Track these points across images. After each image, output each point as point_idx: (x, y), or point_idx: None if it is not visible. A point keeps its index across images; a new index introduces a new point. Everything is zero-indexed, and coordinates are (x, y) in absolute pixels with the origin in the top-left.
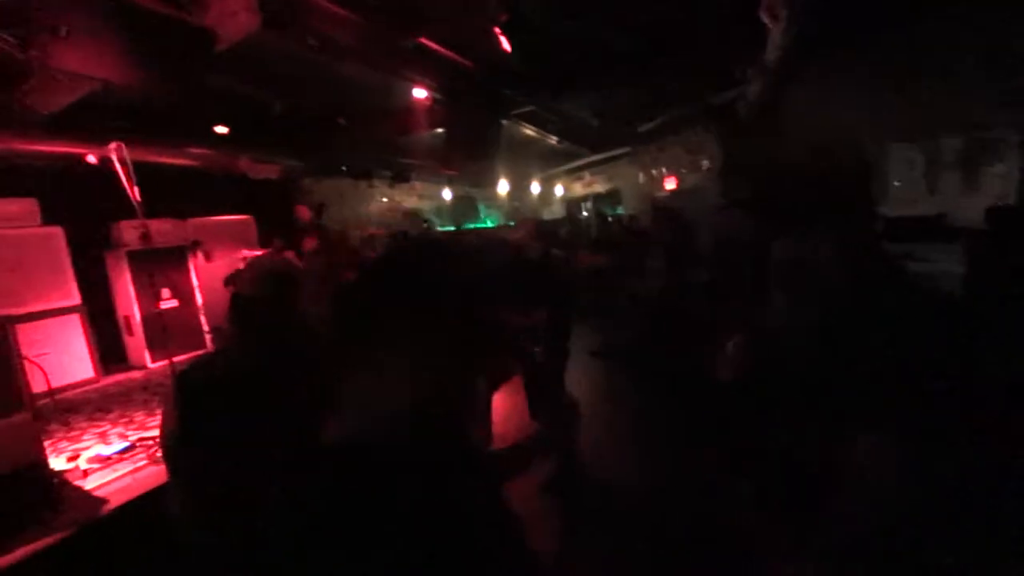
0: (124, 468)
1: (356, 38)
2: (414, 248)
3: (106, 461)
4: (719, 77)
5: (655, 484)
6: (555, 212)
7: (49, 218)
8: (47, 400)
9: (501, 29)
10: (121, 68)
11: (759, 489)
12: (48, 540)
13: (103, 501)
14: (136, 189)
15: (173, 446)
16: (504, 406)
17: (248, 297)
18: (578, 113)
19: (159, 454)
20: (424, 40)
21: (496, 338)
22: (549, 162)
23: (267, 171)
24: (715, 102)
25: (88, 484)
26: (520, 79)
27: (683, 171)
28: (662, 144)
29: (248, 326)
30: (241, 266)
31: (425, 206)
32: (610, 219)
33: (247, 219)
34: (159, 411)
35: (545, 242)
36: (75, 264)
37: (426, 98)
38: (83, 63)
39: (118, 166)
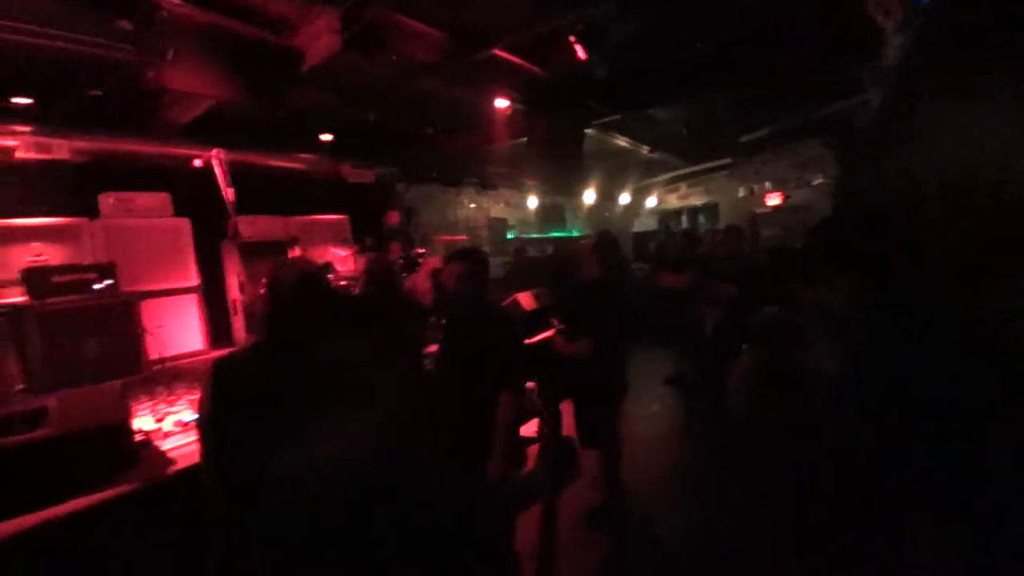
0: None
1: (432, 53)
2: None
3: (185, 426)
4: (833, 85)
5: (704, 520)
6: (647, 224)
7: (180, 211)
8: (160, 366)
9: (578, 38)
10: (222, 87)
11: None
12: (119, 491)
13: (172, 462)
14: (231, 190)
15: (202, 423)
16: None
17: (278, 297)
18: (669, 123)
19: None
20: (499, 52)
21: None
22: (642, 172)
23: (364, 176)
24: (829, 112)
25: (166, 445)
26: (602, 88)
27: (790, 187)
28: (767, 157)
29: (276, 323)
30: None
31: (511, 213)
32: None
33: (343, 219)
34: None
35: (603, 260)
36: (197, 251)
37: (507, 108)
38: (190, 83)
39: (216, 169)
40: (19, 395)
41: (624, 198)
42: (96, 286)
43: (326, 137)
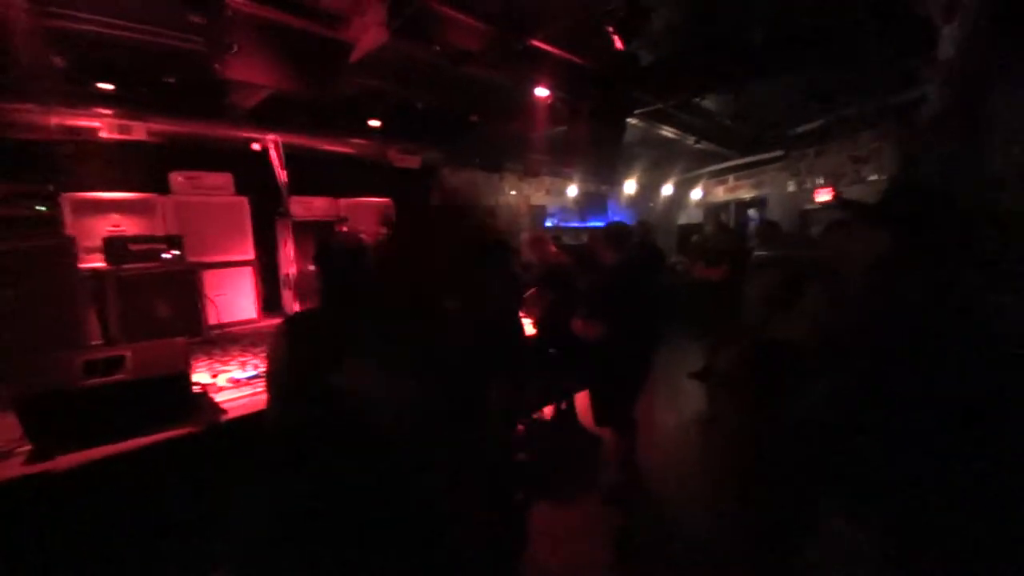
0: (248, 390)
1: (474, 42)
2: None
3: (237, 382)
4: (895, 74)
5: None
6: (693, 216)
7: (240, 190)
8: (217, 330)
9: (618, 26)
10: (280, 77)
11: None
12: (180, 431)
13: (224, 411)
14: (285, 172)
15: (272, 371)
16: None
17: (331, 266)
18: (717, 113)
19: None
20: (537, 42)
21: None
22: (689, 163)
23: (410, 161)
24: (893, 102)
25: (220, 397)
26: (646, 76)
27: (843, 182)
28: (821, 150)
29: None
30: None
31: (552, 201)
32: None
33: (387, 202)
34: None
35: (617, 248)
36: (254, 228)
37: (547, 97)
38: (251, 74)
39: (272, 153)
40: (96, 347)
41: (667, 189)
42: (165, 255)
43: (374, 123)
